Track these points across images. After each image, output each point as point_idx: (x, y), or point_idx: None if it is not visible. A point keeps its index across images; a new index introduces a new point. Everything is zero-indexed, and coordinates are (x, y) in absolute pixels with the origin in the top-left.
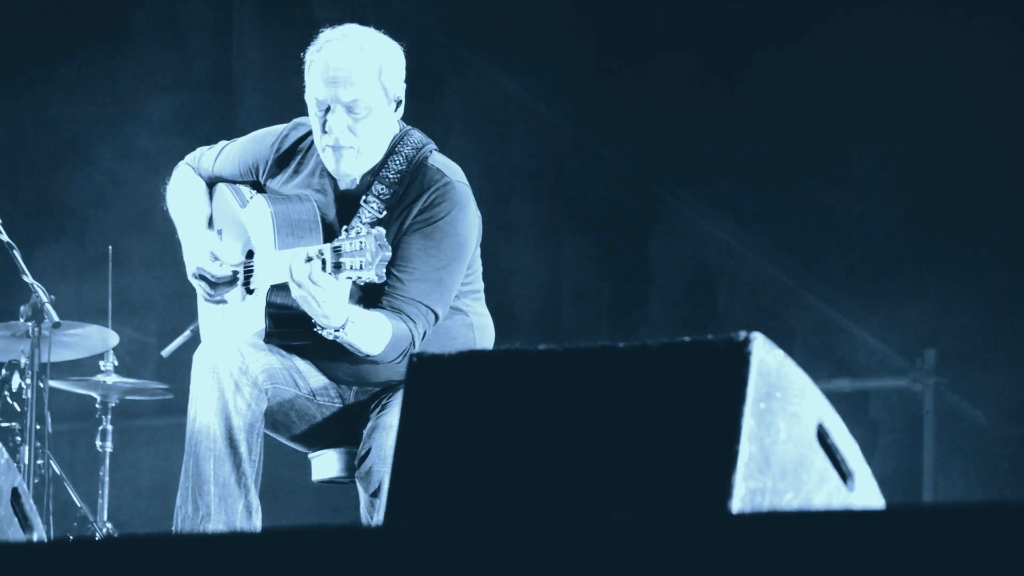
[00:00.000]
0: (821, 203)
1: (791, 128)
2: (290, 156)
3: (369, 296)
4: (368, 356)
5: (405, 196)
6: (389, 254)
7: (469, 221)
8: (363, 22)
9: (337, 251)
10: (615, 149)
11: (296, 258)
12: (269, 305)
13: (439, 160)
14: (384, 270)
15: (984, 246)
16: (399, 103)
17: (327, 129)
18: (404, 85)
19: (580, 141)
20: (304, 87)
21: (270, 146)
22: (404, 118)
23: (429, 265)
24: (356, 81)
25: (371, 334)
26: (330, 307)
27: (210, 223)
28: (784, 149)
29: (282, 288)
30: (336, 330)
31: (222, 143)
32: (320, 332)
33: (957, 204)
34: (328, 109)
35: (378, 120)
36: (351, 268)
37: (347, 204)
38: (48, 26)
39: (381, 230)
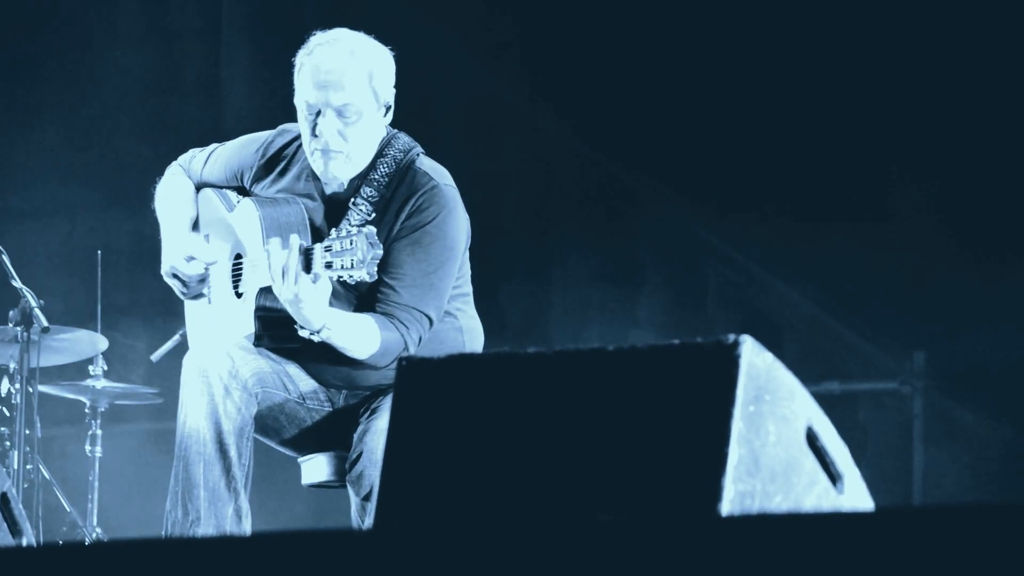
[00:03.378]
0: (811, 206)
1: (782, 130)
2: (275, 162)
3: (362, 305)
4: (360, 359)
5: (393, 200)
6: (381, 252)
7: (457, 224)
8: (353, 26)
9: (328, 250)
10: (605, 152)
11: (274, 248)
12: (258, 308)
13: (426, 164)
14: (375, 268)
15: (974, 247)
16: (388, 108)
17: (317, 133)
18: (394, 91)
19: (570, 144)
20: (293, 90)
21: (255, 152)
22: (396, 120)
23: (419, 270)
24: (347, 85)
25: (356, 337)
26: (310, 309)
27: (195, 226)
28: (775, 152)
29: (271, 291)
30: (312, 333)
31: (213, 146)
32: (301, 332)
33: (948, 206)
34: (319, 113)
35: (368, 125)
36: (342, 267)
37: (334, 208)
38: (37, 28)
39: (372, 229)
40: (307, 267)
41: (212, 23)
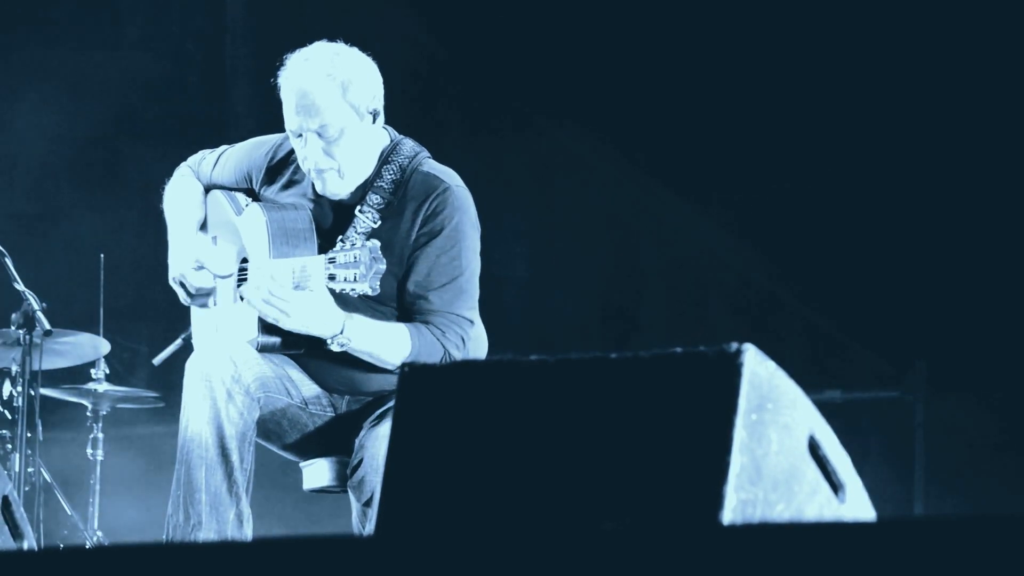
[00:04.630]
0: (813, 213)
1: (783, 136)
2: (283, 166)
3: (400, 318)
4: (396, 368)
5: (403, 204)
6: (383, 267)
7: (474, 224)
8: (354, 30)
9: (332, 261)
10: (608, 158)
11: (255, 291)
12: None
13: (434, 167)
14: (378, 282)
15: (975, 257)
16: (375, 115)
17: (304, 156)
18: (379, 95)
19: (572, 150)
20: None
21: (264, 155)
22: (396, 126)
23: (446, 275)
24: (321, 107)
25: (384, 341)
26: (309, 317)
27: (203, 228)
28: (776, 157)
29: None
30: (334, 337)
31: (223, 148)
32: (329, 346)
33: (948, 214)
34: (301, 136)
35: (354, 138)
36: (345, 280)
37: (342, 213)
38: (40, 32)
39: (376, 242)
40: (309, 280)
41: (216, 25)
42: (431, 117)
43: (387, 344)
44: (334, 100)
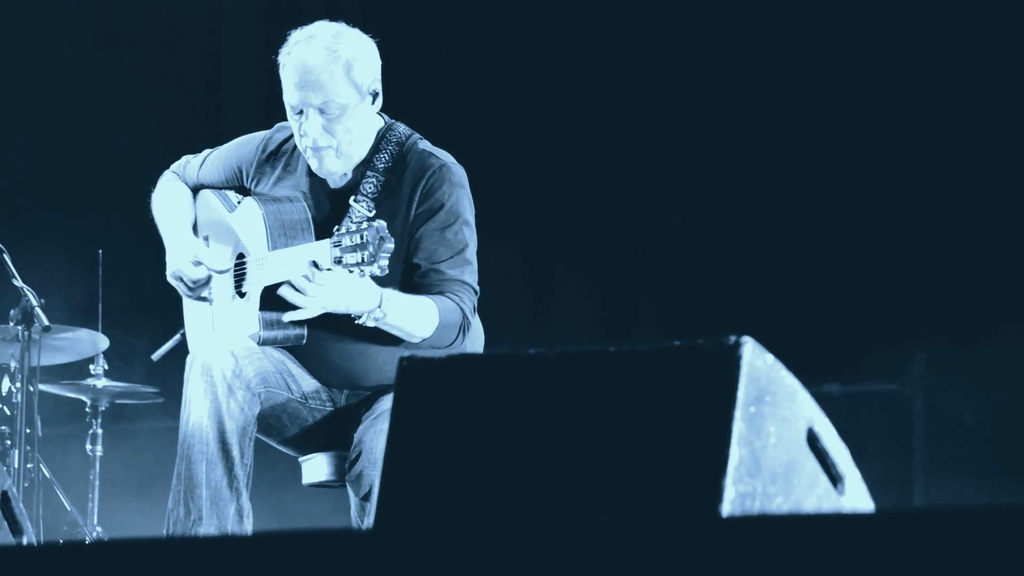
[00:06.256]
0: (811, 207)
1: (781, 131)
2: (276, 158)
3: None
4: (424, 341)
5: (401, 180)
6: (392, 246)
7: (470, 199)
8: (351, 25)
9: (337, 245)
10: (606, 153)
11: (286, 285)
12: (263, 308)
13: (429, 146)
14: (387, 262)
15: (975, 250)
16: (375, 95)
17: (303, 132)
18: (379, 77)
19: (570, 145)
20: None
21: (255, 148)
22: (394, 119)
23: (453, 248)
24: (325, 83)
25: (415, 314)
26: (347, 298)
27: (195, 229)
28: (775, 153)
29: (274, 289)
30: (372, 312)
31: (206, 151)
32: (363, 322)
33: (948, 208)
34: (301, 112)
35: (354, 117)
36: (354, 263)
37: (338, 202)
38: (36, 27)
39: (383, 223)
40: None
41: (213, 20)
42: (423, 112)
43: (418, 316)
44: (338, 77)
